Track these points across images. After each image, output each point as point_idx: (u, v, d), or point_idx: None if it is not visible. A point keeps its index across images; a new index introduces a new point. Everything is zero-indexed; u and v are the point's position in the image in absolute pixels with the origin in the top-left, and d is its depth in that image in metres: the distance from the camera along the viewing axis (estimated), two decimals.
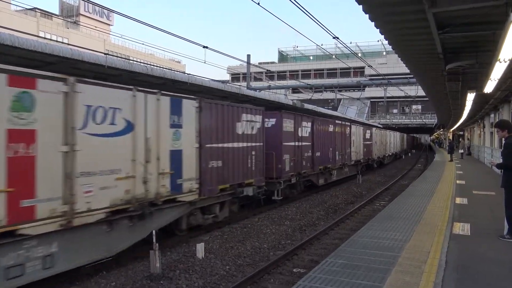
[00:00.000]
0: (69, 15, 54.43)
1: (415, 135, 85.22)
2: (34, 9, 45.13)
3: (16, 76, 5.80)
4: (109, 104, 7.25)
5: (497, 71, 9.61)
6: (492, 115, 26.58)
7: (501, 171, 9.66)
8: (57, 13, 54.54)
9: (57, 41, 38.01)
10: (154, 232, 7.57)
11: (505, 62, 8.16)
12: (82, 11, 54.95)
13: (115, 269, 7.66)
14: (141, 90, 8.05)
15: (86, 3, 52.54)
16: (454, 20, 8.07)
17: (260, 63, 65.01)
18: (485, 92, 13.28)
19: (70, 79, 6.56)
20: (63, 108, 6.44)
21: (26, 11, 43.20)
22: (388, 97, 48.05)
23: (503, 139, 7.19)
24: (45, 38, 33.65)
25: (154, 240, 7.35)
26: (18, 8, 40.90)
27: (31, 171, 5.93)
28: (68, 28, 50.02)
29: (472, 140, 42.52)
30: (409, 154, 58.19)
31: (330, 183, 19.91)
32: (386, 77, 37.08)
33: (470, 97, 16.38)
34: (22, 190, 5.81)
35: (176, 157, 8.89)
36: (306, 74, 73.50)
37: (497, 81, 11.01)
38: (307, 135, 16.65)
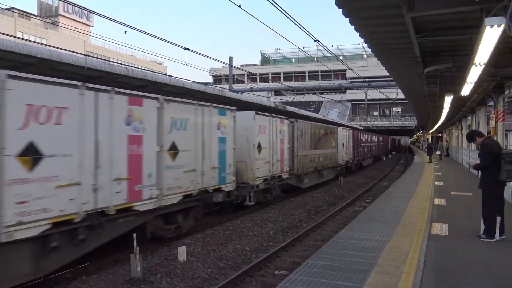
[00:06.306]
0: (48, 15, 53.50)
1: (395, 137, 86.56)
2: (11, 9, 44.22)
3: None
4: None
5: (473, 75, 9.86)
6: (469, 118, 27.20)
7: (478, 172, 9.88)
8: (36, 13, 53.55)
9: (35, 42, 37.33)
10: (134, 235, 7.49)
11: (481, 66, 8.37)
12: (61, 12, 54.07)
13: (95, 273, 7.54)
14: None
15: (65, 3, 51.73)
16: (431, 24, 8.23)
17: (242, 65, 64.96)
18: (462, 95, 13.59)
19: None
20: None
21: (3, 11, 42.29)
22: (369, 100, 48.62)
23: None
24: (22, 38, 33.04)
25: (134, 244, 7.28)
26: None
27: None
28: (47, 28, 49.15)
29: (450, 142, 43.39)
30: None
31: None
32: (366, 79, 37.55)
33: (448, 99, 16.73)
34: None
35: None
36: (288, 76, 73.83)
37: (473, 84, 11.28)
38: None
